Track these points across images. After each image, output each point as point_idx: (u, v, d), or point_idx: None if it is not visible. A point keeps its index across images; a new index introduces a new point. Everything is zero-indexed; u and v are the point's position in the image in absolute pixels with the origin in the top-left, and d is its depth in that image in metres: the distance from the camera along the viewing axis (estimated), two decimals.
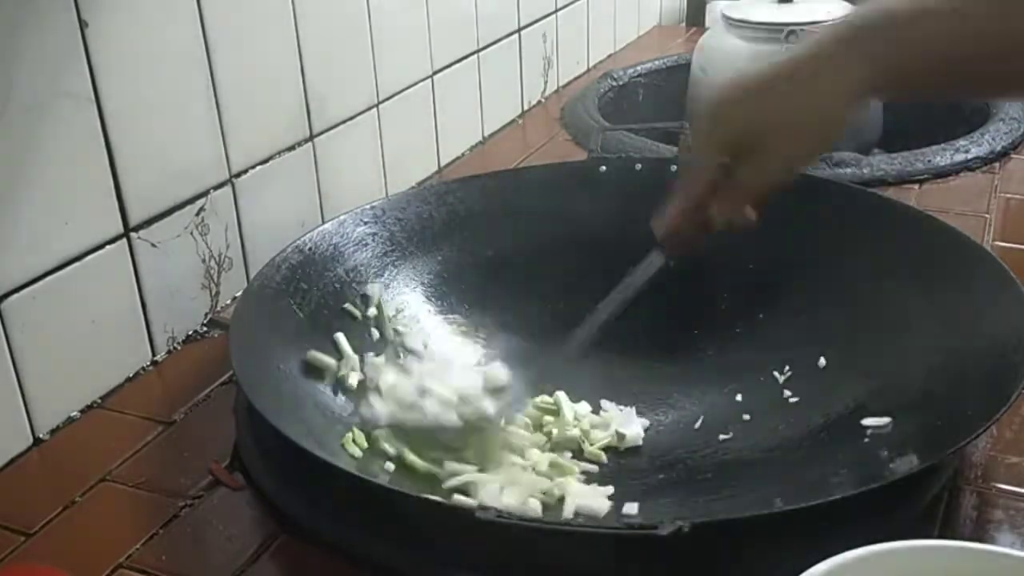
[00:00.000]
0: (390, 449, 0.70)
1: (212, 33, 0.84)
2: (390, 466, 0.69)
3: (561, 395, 0.77)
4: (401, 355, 0.80)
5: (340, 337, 0.78)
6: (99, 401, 0.79)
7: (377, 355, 0.79)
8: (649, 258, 0.72)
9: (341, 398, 0.75)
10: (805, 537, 0.53)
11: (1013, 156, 1.15)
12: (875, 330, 0.77)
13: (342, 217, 0.86)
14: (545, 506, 0.66)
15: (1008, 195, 1.06)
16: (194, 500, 0.68)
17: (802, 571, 0.45)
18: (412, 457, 0.69)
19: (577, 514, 0.66)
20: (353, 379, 0.76)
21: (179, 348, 0.86)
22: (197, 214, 0.86)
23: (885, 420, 0.70)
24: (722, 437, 0.75)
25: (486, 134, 1.29)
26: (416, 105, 1.13)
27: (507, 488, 0.66)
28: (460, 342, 0.85)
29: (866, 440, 0.69)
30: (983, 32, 0.58)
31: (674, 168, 0.93)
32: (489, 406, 0.70)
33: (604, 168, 0.93)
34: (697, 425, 0.77)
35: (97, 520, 0.67)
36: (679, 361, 0.83)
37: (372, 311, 0.82)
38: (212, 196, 0.87)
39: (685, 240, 0.70)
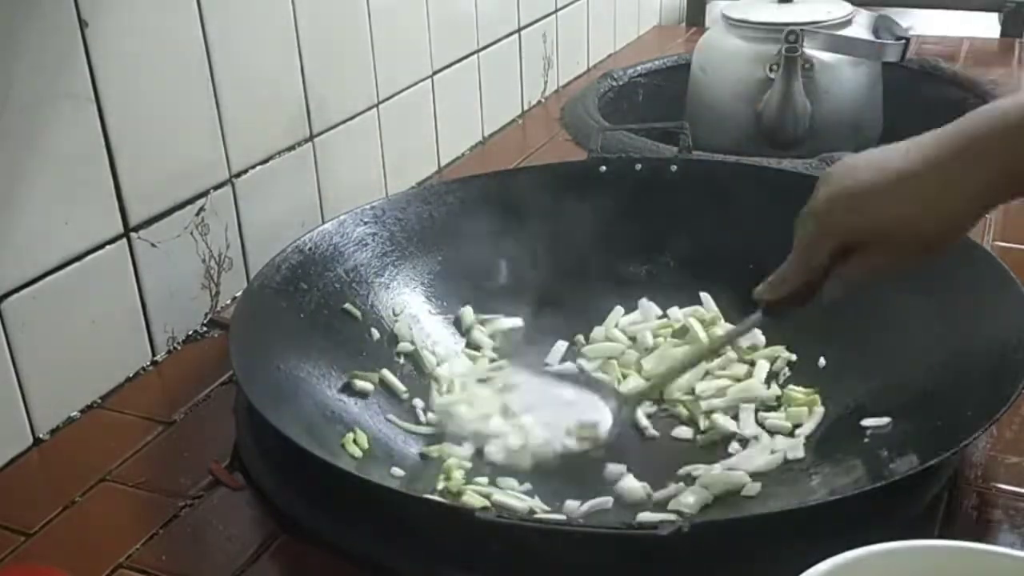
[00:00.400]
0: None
1: (212, 33, 0.84)
2: (398, 471, 0.69)
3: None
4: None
5: (387, 374, 0.78)
6: (99, 401, 0.79)
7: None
8: (751, 318, 0.71)
9: (344, 398, 0.75)
10: (805, 537, 0.53)
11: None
12: (875, 330, 0.77)
13: (342, 217, 0.86)
14: None
15: None
16: (194, 500, 0.68)
17: (802, 571, 0.45)
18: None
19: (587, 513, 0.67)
20: (365, 384, 0.77)
21: (179, 348, 0.86)
22: (197, 214, 0.86)
23: (885, 420, 0.70)
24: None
25: (486, 134, 1.29)
26: (416, 105, 1.13)
27: None
28: (460, 341, 0.85)
29: (866, 440, 0.69)
30: None
31: (674, 168, 0.93)
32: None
33: (604, 168, 0.93)
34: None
35: (97, 520, 0.67)
36: None
37: (405, 346, 0.82)
38: (212, 196, 0.87)
39: (788, 307, 0.69)
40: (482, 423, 0.74)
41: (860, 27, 1.24)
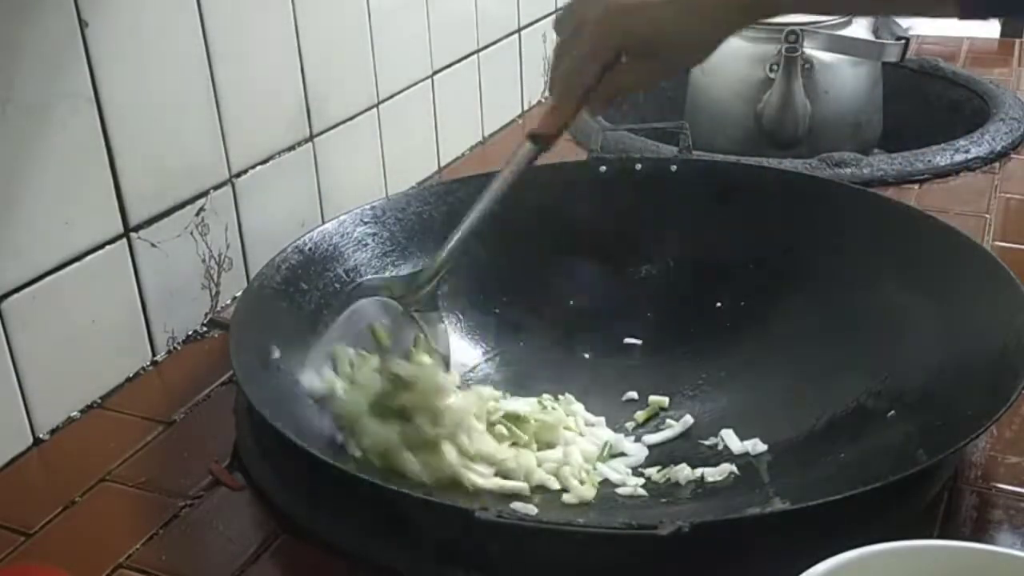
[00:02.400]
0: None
1: (212, 33, 0.84)
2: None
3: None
4: None
5: None
6: (99, 401, 0.79)
7: None
8: (520, 150, 0.72)
9: None
10: (805, 537, 0.53)
11: (1013, 156, 1.15)
12: (875, 330, 0.77)
13: (342, 217, 0.86)
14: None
15: (1008, 195, 1.06)
16: (194, 500, 0.68)
17: (802, 571, 0.45)
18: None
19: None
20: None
21: (179, 348, 0.86)
22: (197, 214, 0.86)
23: (885, 420, 0.70)
24: (722, 436, 0.75)
25: (486, 134, 1.29)
26: (416, 105, 1.13)
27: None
28: (461, 342, 0.85)
29: (865, 440, 0.69)
30: None
31: (674, 168, 0.93)
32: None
33: (604, 168, 0.93)
34: (696, 425, 0.77)
35: (97, 520, 0.67)
36: (676, 361, 0.83)
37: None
38: (212, 196, 0.87)
39: (558, 131, 0.72)
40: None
41: (860, 27, 1.24)
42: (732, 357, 0.82)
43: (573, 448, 0.72)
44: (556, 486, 0.70)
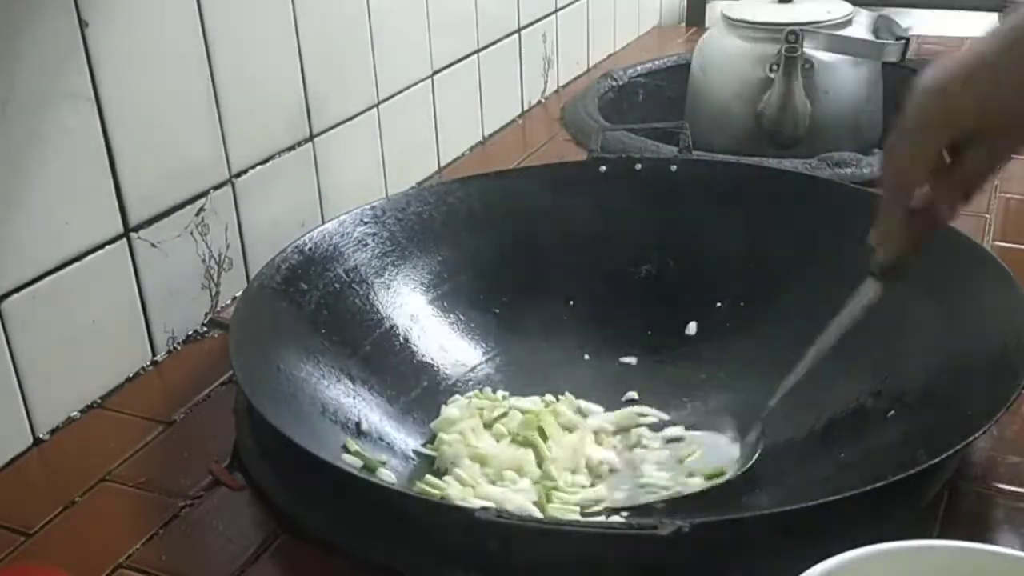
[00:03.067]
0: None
1: (212, 33, 0.84)
2: (387, 474, 0.69)
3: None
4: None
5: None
6: (99, 401, 0.79)
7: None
8: (863, 288, 0.68)
9: (344, 398, 0.75)
10: (805, 537, 0.53)
11: (1013, 156, 1.15)
12: (875, 330, 0.77)
13: (342, 217, 0.86)
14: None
15: (1008, 195, 1.06)
16: (194, 500, 0.68)
17: (802, 571, 0.45)
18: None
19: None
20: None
21: (179, 348, 0.86)
22: (197, 214, 0.86)
23: (885, 420, 0.69)
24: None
25: (486, 134, 1.29)
26: (416, 105, 1.13)
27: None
28: (461, 342, 0.85)
29: (866, 440, 0.69)
30: None
31: (674, 168, 0.93)
32: None
33: (604, 168, 0.93)
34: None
35: (97, 520, 0.67)
36: (676, 361, 0.84)
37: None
38: (212, 196, 0.87)
39: (905, 257, 0.65)
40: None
41: (860, 27, 1.24)
42: (732, 357, 0.82)
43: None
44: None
